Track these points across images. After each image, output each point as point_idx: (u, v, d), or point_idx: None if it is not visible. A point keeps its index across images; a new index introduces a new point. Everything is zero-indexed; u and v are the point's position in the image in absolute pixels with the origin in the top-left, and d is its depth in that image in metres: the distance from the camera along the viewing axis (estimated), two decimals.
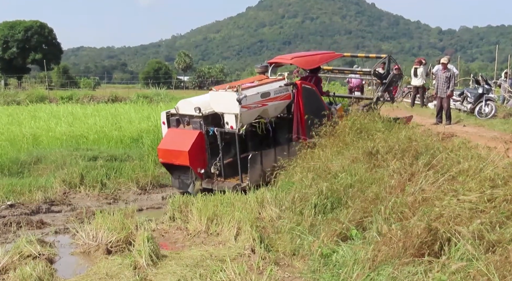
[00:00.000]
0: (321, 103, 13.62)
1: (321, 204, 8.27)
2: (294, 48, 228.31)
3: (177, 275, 6.49)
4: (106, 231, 8.23)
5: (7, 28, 68.84)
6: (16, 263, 6.95)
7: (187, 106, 12.78)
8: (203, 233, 9.02)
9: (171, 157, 12.49)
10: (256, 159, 12.24)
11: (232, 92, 11.76)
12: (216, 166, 12.25)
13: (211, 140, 12.36)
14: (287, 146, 12.87)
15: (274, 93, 12.58)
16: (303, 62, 14.52)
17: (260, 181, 12.04)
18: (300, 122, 12.85)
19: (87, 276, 6.67)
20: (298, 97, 12.90)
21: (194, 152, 12.11)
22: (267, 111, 12.49)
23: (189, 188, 12.49)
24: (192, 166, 12.15)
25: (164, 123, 13.20)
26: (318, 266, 6.41)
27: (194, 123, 12.55)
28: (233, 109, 11.73)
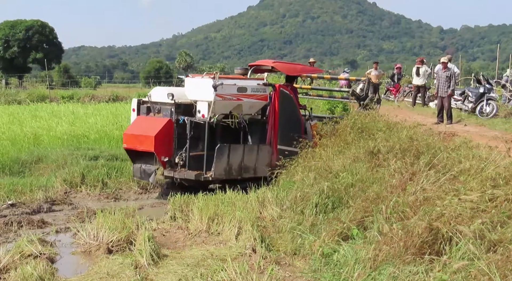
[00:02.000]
0: (297, 112, 13.46)
1: (322, 204, 8.27)
2: (295, 48, 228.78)
3: (178, 275, 6.49)
4: (107, 231, 8.23)
5: (8, 28, 68.93)
6: (17, 263, 6.95)
7: (160, 93, 12.61)
8: (204, 232, 9.02)
9: (136, 142, 12.17)
10: (223, 151, 11.88)
11: (209, 79, 11.67)
12: (181, 157, 11.92)
13: (180, 130, 12.06)
14: (257, 147, 12.61)
15: (251, 90, 12.39)
16: (285, 67, 14.61)
17: (224, 176, 11.86)
18: (273, 127, 12.69)
19: (88, 276, 6.67)
20: (274, 100, 12.75)
21: (160, 138, 11.82)
22: (241, 107, 12.28)
23: (150, 178, 12.20)
24: (157, 152, 11.81)
25: (134, 110, 12.92)
26: (319, 266, 6.41)
27: (165, 110, 12.30)
28: (207, 96, 11.59)
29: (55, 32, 72.94)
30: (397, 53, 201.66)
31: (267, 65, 14.15)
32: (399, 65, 29.49)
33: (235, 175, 12.06)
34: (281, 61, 16.18)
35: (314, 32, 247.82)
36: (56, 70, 68.09)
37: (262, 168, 12.39)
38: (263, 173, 12.30)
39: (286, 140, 12.69)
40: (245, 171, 12.27)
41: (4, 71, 65.26)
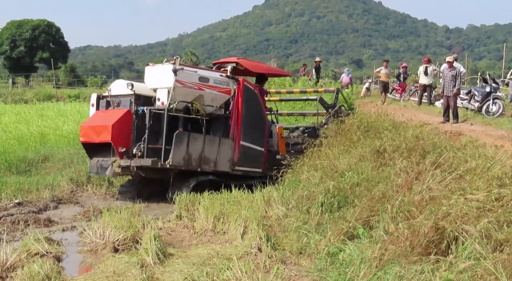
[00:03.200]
0: (261, 111, 13.29)
1: (328, 203, 8.27)
2: (301, 47, 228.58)
3: (183, 274, 6.49)
4: (113, 229, 8.25)
5: (15, 27, 69.09)
6: (24, 261, 6.97)
7: (120, 86, 12.37)
8: (209, 231, 9.03)
9: (93, 134, 11.85)
10: (182, 138, 11.58)
11: (169, 65, 11.47)
12: (139, 148, 11.61)
13: (139, 123, 11.84)
14: (219, 140, 12.27)
15: (213, 81, 12.15)
16: (250, 64, 14.33)
17: (183, 165, 11.58)
18: (236, 122, 12.50)
19: (94, 274, 6.67)
20: (238, 94, 12.55)
21: (118, 128, 11.53)
22: (202, 97, 11.99)
23: (107, 171, 11.85)
24: (114, 142, 11.49)
25: (93, 105, 12.63)
26: (325, 265, 6.40)
27: (125, 102, 12.06)
28: (167, 82, 11.37)
29: (61, 32, 73.06)
30: (402, 52, 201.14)
31: (232, 61, 13.80)
32: (405, 64, 29.46)
33: (194, 166, 11.79)
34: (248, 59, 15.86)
35: (319, 31, 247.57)
36: (62, 70, 68.21)
37: (224, 162, 12.25)
38: (225, 167, 12.27)
39: (250, 137, 12.68)
40: (205, 162, 11.98)
41: (11, 70, 65.45)
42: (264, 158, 13.18)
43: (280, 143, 13.91)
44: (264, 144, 13.19)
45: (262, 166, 13.14)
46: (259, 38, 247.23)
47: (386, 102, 24.50)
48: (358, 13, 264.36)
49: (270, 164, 13.24)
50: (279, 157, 13.50)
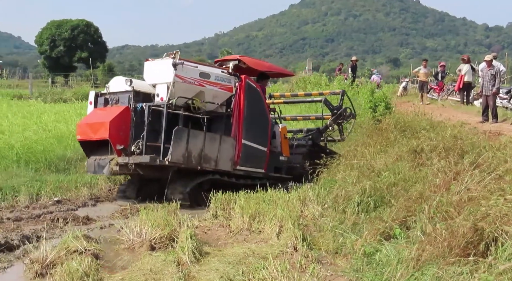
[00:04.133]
0: (264, 109, 12.94)
1: (364, 203, 8.21)
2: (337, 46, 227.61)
3: (219, 272, 6.51)
4: (150, 228, 8.30)
5: (55, 27, 70.25)
6: (63, 258, 7.06)
7: (119, 83, 12.07)
8: (245, 230, 9.03)
9: (90, 131, 11.53)
10: (182, 134, 11.15)
11: (169, 59, 11.20)
12: (137, 145, 11.25)
13: (138, 120, 11.47)
14: (220, 138, 11.85)
15: (214, 77, 11.83)
16: (252, 61, 13.92)
17: (182, 162, 11.19)
18: (238, 120, 12.16)
19: (131, 272, 6.74)
20: (240, 91, 12.20)
21: (115, 125, 11.18)
22: (203, 93, 11.64)
23: (104, 170, 11.48)
24: (112, 139, 11.13)
25: (91, 103, 12.30)
26: (361, 265, 6.36)
27: (123, 99, 11.73)
28: (166, 77, 11.09)
29: (99, 32, 74.06)
30: (440, 51, 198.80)
31: (234, 58, 13.44)
32: (443, 63, 29.18)
33: (194, 164, 11.39)
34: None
35: (356, 30, 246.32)
36: (100, 69, 69.17)
37: (225, 161, 11.90)
38: (226, 166, 11.93)
39: (252, 136, 12.34)
40: (205, 161, 11.58)
41: (50, 70, 66.58)
42: (267, 159, 12.87)
43: (283, 144, 13.60)
44: (267, 144, 12.87)
45: (264, 167, 12.84)
46: (295, 37, 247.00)
47: (426, 101, 24.27)
48: (395, 12, 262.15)
49: (272, 166, 13.06)
50: (282, 159, 13.35)
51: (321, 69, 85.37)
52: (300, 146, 14.49)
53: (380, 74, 32.86)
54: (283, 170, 13.44)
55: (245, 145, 12.18)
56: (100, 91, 12.52)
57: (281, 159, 13.35)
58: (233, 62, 12.76)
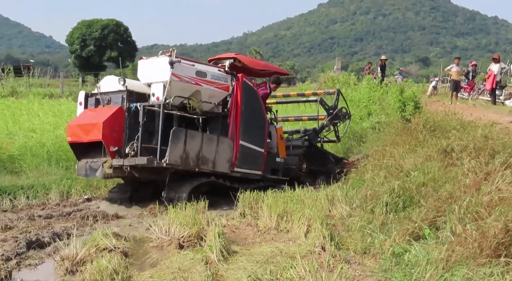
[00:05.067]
0: (261, 109, 12.50)
1: (392, 203, 8.15)
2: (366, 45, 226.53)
3: (247, 271, 6.52)
4: (178, 226, 8.34)
5: (85, 27, 71.18)
6: (92, 256, 7.14)
7: (110, 83, 11.61)
8: (273, 229, 9.03)
9: (81, 133, 11.01)
10: (179, 134, 10.74)
11: (165, 57, 10.68)
12: (132, 147, 10.75)
13: (132, 121, 11.04)
14: (217, 139, 11.45)
15: (211, 76, 11.34)
16: (248, 60, 13.46)
17: (180, 164, 10.77)
18: (235, 120, 11.76)
19: (160, 270, 6.78)
20: (237, 91, 11.80)
21: (109, 126, 10.71)
22: (199, 93, 11.16)
23: (97, 172, 10.98)
24: (105, 141, 10.65)
25: (81, 103, 11.80)
26: (390, 265, 6.32)
27: (116, 99, 11.27)
28: (163, 76, 10.59)
29: (129, 31, 74.86)
30: (471, 50, 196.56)
31: (229, 57, 12.91)
32: (474, 62, 28.84)
33: (192, 166, 10.99)
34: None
35: (385, 29, 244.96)
36: (130, 68, 69.68)
37: (223, 163, 11.55)
38: (223, 168, 11.59)
39: (249, 136, 12.01)
40: (203, 162, 11.19)
41: (80, 69, 67.42)
42: (264, 160, 12.52)
43: (280, 145, 13.29)
44: (264, 144, 12.50)
45: (262, 169, 12.48)
46: (324, 36, 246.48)
47: (457, 101, 24.04)
48: (425, 11, 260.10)
49: (269, 167, 12.78)
50: (279, 160, 13.08)
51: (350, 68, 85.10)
52: (297, 147, 14.14)
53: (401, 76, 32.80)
54: (279, 172, 13.15)
55: (242, 146, 11.84)
56: (90, 91, 12.11)
57: (278, 160, 13.05)
58: (229, 61, 12.37)
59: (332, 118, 14.84)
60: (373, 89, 25.12)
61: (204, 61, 12.64)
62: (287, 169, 13.39)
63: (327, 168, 14.34)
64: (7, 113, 19.25)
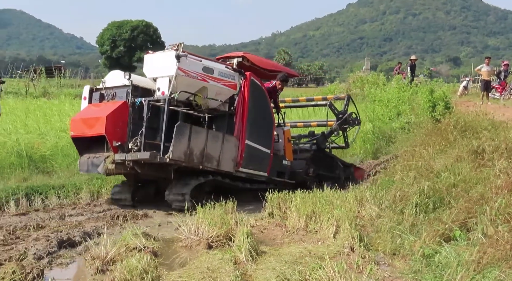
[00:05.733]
0: (269, 109, 12.25)
1: (422, 204, 8.08)
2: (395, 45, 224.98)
3: (276, 271, 6.51)
4: (207, 226, 8.37)
5: (115, 28, 71.90)
6: (122, 255, 7.20)
7: (116, 77, 11.41)
8: (301, 230, 9.01)
9: (85, 127, 10.77)
10: (184, 130, 10.43)
11: (171, 51, 10.46)
12: (135, 142, 10.53)
13: (136, 116, 10.80)
14: (222, 136, 11.15)
15: (218, 73, 11.08)
16: (256, 58, 13.09)
17: (184, 160, 10.47)
18: (242, 118, 11.46)
19: (189, 270, 6.80)
20: (244, 89, 11.52)
21: (112, 120, 10.45)
22: (206, 89, 10.89)
23: (99, 168, 10.73)
24: (108, 135, 10.39)
25: (85, 98, 11.59)
26: (420, 267, 6.27)
27: (120, 93, 11.06)
28: (169, 70, 10.35)
29: (158, 32, 75.33)
30: (503, 49, 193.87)
31: (237, 55, 12.56)
32: (507, 62, 28.39)
33: (196, 163, 10.69)
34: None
35: (415, 29, 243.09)
36: None
37: (227, 161, 11.25)
38: (228, 167, 11.30)
39: (256, 136, 11.73)
40: (207, 160, 10.89)
41: (111, 69, 67.91)
42: (270, 162, 12.21)
43: (287, 148, 13.00)
44: (271, 146, 12.21)
45: (267, 170, 12.18)
46: (353, 37, 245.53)
47: (489, 101, 23.76)
48: (456, 10, 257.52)
49: (275, 169, 12.49)
50: (285, 163, 12.79)
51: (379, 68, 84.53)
52: (304, 151, 13.86)
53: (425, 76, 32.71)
54: (286, 175, 12.84)
55: (248, 146, 11.57)
56: (95, 86, 11.87)
57: (284, 163, 12.76)
58: (237, 59, 12.15)
59: (341, 123, 14.49)
60: (402, 89, 24.98)
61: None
62: (293, 172, 13.09)
63: (335, 174, 14.16)
64: (39, 113, 19.52)
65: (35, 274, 6.36)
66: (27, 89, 31.62)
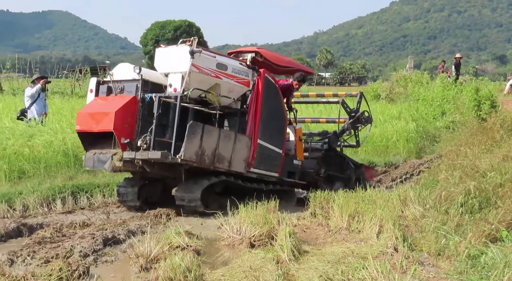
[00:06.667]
0: (282, 107, 11.74)
1: (468, 204, 7.96)
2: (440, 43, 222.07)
3: (318, 271, 6.49)
4: (249, 225, 8.38)
5: (158, 28, 72.83)
6: (166, 253, 7.26)
7: (125, 71, 10.83)
8: (344, 230, 8.96)
9: (92, 122, 10.27)
10: (196, 129, 9.99)
11: (185, 46, 10.03)
12: (144, 140, 10.06)
13: (145, 112, 10.31)
14: (235, 136, 10.67)
15: (231, 69, 10.59)
16: (270, 54, 12.41)
17: (195, 161, 10.07)
18: (254, 117, 10.95)
19: (231, 269, 6.83)
20: (258, 85, 11.01)
21: (121, 116, 9.98)
22: (219, 86, 10.45)
23: (106, 165, 10.31)
24: (116, 131, 9.92)
25: (92, 91, 11.00)
26: (465, 268, 6.17)
27: (130, 88, 10.54)
28: (182, 66, 9.91)
29: (201, 32, 75.95)
30: None
31: (251, 51, 11.89)
32: None
33: (207, 163, 10.28)
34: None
35: (460, 26, 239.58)
36: None
37: (239, 162, 10.79)
38: (239, 168, 10.83)
39: (268, 136, 11.25)
40: (219, 160, 10.45)
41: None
42: (282, 162, 11.73)
43: (298, 147, 12.47)
44: (283, 145, 11.72)
45: (279, 171, 11.70)
46: (396, 35, 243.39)
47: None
48: (503, 7, 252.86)
49: (286, 170, 12.04)
50: (296, 163, 12.33)
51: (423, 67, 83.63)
52: (315, 150, 13.36)
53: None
54: (296, 175, 12.41)
55: (260, 145, 11.10)
56: (101, 79, 11.38)
57: (295, 163, 12.31)
58: (251, 55, 11.50)
59: (354, 122, 13.97)
60: (447, 88, 24.65)
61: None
62: (304, 172, 12.68)
63: (345, 174, 13.74)
64: None
65: (81, 272, 6.47)
66: (72, 89, 32.10)
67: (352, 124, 14.00)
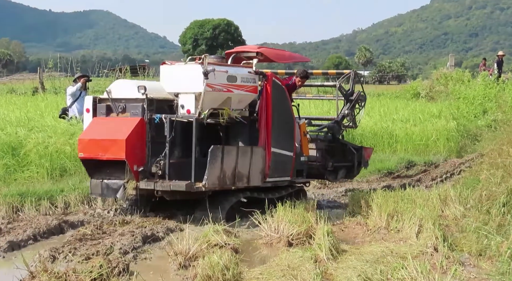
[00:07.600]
0: (290, 109, 11.10)
1: (510, 203, 7.84)
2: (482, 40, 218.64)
3: (357, 270, 6.46)
4: (287, 224, 8.39)
5: (197, 27, 73.29)
6: (204, 251, 7.30)
7: (124, 87, 9.98)
8: (383, 229, 8.92)
9: (98, 149, 9.39)
10: (217, 153, 9.33)
11: (196, 64, 9.37)
12: (158, 165, 9.34)
13: (153, 133, 9.52)
14: (251, 150, 10.08)
15: (241, 79, 9.95)
16: (272, 53, 11.79)
17: (217, 185, 9.48)
18: (266, 126, 10.28)
19: (269, 267, 6.84)
20: (266, 92, 10.33)
21: (132, 143, 9.20)
22: (230, 100, 9.82)
23: (118, 193, 9.56)
24: (129, 160, 9.18)
25: (89, 110, 10.02)
26: (508, 268, 6.08)
27: (134, 108, 9.55)
28: (195, 86, 9.25)
29: (239, 30, 76.10)
30: None
31: (251, 51, 11.28)
32: None
33: (228, 184, 9.71)
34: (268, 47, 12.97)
35: (503, 23, 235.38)
36: None
37: (256, 175, 10.16)
38: (256, 181, 10.24)
39: (280, 141, 10.65)
40: (238, 179, 9.85)
41: None
42: (293, 164, 11.12)
43: (303, 142, 11.78)
44: (293, 147, 11.09)
45: (290, 173, 11.10)
46: (437, 32, 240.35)
47: None
48: None
49: (295, 169, 11.35)
50: (303, 159, 11.63)
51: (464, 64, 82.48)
52: (318, 141, 12.65)
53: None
54: (304, 172, 11.73)
55: (274, 153, 10.54)
56: (98, 96, 10.31)
57: (302, 159, 11.64)
58: (255, 60, 10.78)
59: (353, 106, 12.95)
60: (489, 86, 24.26)
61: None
62: (309, 167, 12.01)
63: (348, 161, 12.84)
64: None
65: (121, 269, 6.55)
66: None
67: (352, 109, 13.48)
